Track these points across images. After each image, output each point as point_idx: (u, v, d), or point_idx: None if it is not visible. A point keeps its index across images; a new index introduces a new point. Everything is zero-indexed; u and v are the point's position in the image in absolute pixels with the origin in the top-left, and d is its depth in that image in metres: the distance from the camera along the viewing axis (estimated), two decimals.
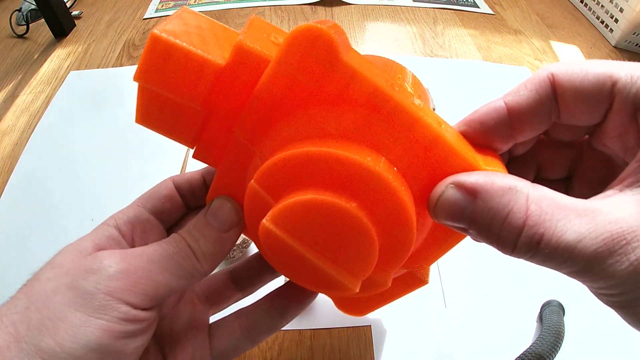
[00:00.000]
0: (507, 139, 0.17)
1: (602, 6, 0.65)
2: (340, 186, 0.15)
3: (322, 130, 0.16)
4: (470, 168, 0.16)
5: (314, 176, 0.15)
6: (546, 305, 0.33)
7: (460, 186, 0.14)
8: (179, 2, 0.67)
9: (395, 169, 0.16)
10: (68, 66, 0.57)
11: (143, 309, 0.17)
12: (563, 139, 0.19)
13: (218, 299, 0.24)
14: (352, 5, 0.65)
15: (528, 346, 0.29)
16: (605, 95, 0.15)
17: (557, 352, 0.29)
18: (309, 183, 0.16)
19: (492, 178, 0.14)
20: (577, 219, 0.13)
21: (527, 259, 0.14)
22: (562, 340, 0.30)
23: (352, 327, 0.33)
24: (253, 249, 0.37)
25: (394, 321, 0.33)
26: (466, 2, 0.71)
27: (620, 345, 0.32)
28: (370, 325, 0.33)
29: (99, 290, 0.16)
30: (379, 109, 0.15)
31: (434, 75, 0.52)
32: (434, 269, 0.36)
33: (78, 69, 0.57)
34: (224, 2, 0.66)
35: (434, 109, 0.45)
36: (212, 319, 0.24)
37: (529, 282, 0.35)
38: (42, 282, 0.16)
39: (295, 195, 0.16)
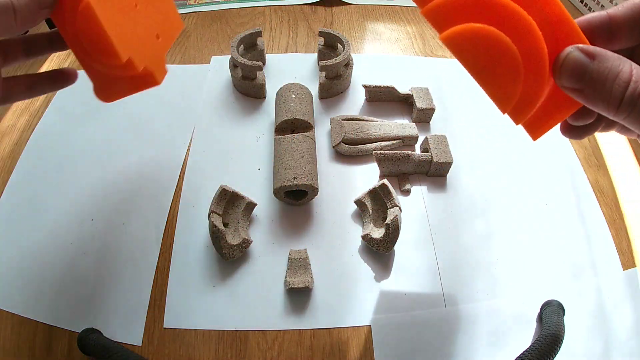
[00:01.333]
0: (606, 43, 0.21)
1: (602, 6, 0.65)
2: (500, 26, 0.20)
3: None
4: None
5: (480, 14, 0.20)
6: (546, 305, 0.33)
7: (583, 49, 0.19)
8: (179, 1, 0.67)
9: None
10: (68, 66, 0.57)
11: None
12: None
13: (8, 59, 0.30)
14: (352, 5, 0.65)
15: (528, 346, 0.29)
16: None
17: (557, 353, 0.29)
18: (475, 19, 0.21)
19: (605, 50, 0.19)
20: None
21: (626, 117, 0.18)
22: (562, 340, 0.30)
23: (352, 327, 0.33)
24: (251, 247, 0.37)
25: (394, 321, 0.33)
26: None
27: (620, 346, 0.32)
28: (370, 325, 0.33)
29: None
30: None
31: (434, 75, 0.52)
32: (433, 269, 0.36)
33: (78, 69, 0.57)
34: (224, 2, 0.66)
35: (434, 109, 0.45)
36: None
37: (529, 282, 0.35)
38: None
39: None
